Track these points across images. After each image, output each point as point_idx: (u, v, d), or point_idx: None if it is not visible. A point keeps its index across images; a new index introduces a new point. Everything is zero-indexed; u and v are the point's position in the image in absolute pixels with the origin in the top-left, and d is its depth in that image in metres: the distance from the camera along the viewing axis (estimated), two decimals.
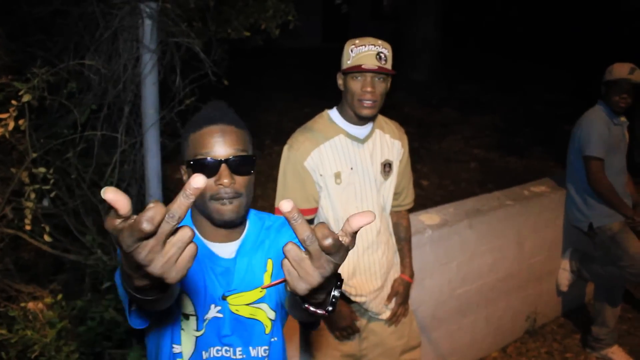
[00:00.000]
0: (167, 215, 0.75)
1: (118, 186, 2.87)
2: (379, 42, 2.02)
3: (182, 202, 0.77)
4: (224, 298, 1.42)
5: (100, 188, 2.82)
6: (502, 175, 5.54)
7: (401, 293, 2.28)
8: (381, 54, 1.98)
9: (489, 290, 3.28)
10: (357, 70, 1.95)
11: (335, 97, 2.16)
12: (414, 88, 8.44)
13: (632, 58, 3.42)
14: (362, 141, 2.11)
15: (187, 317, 1.39)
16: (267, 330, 1.48)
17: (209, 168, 1.33)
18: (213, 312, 1.41)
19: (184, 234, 0.78)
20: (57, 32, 2.74)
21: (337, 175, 2.07)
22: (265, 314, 1.47)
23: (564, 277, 3.68)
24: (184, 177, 1.41)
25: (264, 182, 5.01)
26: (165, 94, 2.85)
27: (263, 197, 4.72)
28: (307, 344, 2.38)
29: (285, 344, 1.58)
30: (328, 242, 0.79)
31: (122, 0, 2.47)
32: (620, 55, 4.01)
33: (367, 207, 2.12)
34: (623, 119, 3.35)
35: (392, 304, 2.27)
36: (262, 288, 1.42)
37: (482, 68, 11.20)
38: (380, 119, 2.22)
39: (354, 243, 0.83)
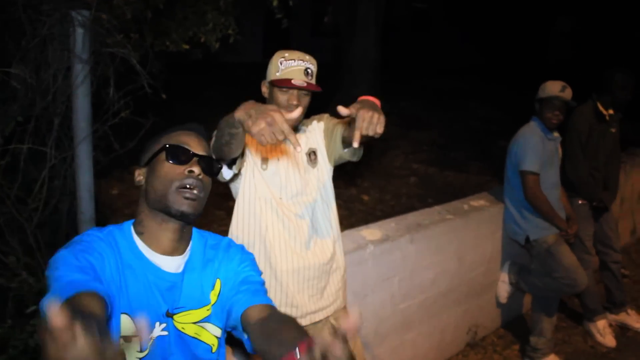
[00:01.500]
0: None
1: (47, 203, 2.71)
2: (307, 57, 2.07)
3: None
4: (168, 315, 1.37)
5: (28, 205, 2.67)
6: (441, 190, 5.63)
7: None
8: (308, 70, 2.04)
9: (431, 305, 3.30)
10: (286, 85, 1.99)
11: None
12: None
13: (560, 75, 3.55)
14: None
15: (128, 339, 1.32)
16: (214, 349, 1.44)
17: (182, 155, 1.41)
18: (158, 330, 1.36)
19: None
20: None
21: (264, 161, 2.08)
22: (210, 333, 1.43)
23: (503, 289, 3.75)
24: (139, 178, 1.44)
25: (208, 197, 4.88)
26: (99, 106, 2.72)
27: (202, 213, 4.58)
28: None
29: None
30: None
31: (51, 7, 2.35)
32: (550, 73, 4.18)
33: (292, 199, 2.11)
34: (556, 134, 3.47)
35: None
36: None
37: (420, 84, 11.45)
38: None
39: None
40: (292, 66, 2.02)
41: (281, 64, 2.04)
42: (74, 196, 2.66)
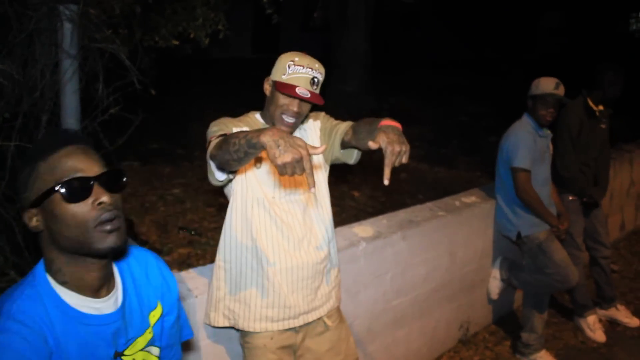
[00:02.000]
0: None
1: None
2: (317, 65, 2.00)
3: None
4: (117, 355, 1.29)
5: (16, 204, 2.63)
6: (432, 186, 5.64)
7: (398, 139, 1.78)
8: (315, 79, 1.97)
9: (423, 301, 3.29)
10: (289, 93, 1.93)
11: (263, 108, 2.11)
12: (343, 99, 8.49)
13: (548, 70, 3.55)
14: None
15: None
16: None
17: (81, 189, 1.16)
18: None
19: None
20: None
21: (258, 160, 2.03)
22: (153, 355, 1.41)
23: (495, 285, 3.76)
24: (34, 223, 1.18)
25: (193, 195, 4.86)
26: (87, 103, 2.68)
27: (193, 210, 4.56)
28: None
29: None
30: None
31: (38, 1, 2.30)
32: (538, 68, 4.18)
33: (287, 196, 2.07)
34: (548, 131, 3.47)
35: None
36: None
37: (409, 80, 11.46)
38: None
39: None
40: (300, 73, 1.95)
41: (289, 67, 1.97)
42: None
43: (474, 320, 3.77)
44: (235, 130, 1.97)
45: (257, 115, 2.14)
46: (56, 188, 1.14)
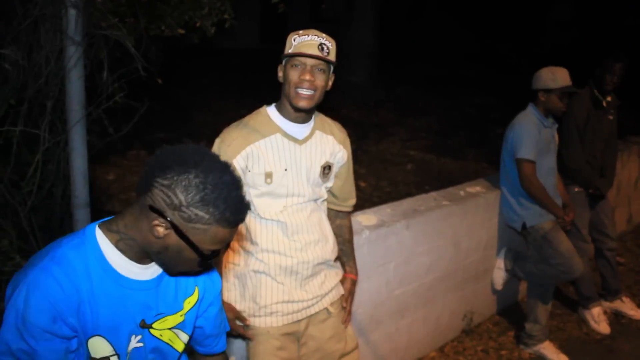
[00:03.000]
0: None
1: (41, 187, 2.69)
2: (324, 35, 1.95)
3: None
4: (144, 326, 1.33)
5: (21, 189, 2.65)
6: (438, 177, 5.63)
7: (353, 293, 2.32)
8: (324, 46, 1.91)
9: (426, 291, 3.30)
10: (298, 55, 1.88)
11: (273, 99, 2.09)
12: (351, 90, 8.48)
13: (557, 62, 3.52)
14: (301, 142, 2.03)
15: None
16: (179, 356, 1.46)
17: (209, 258, 1.27)
18: (133, 343, 1.33)
19: None
20: None
21: (268, 175, 1.97)
22: (180, 340, 1.43)
23: (499, 276, 3.75)
24: (160, 231, 1.21)
25: None
26: (93, 90, 2.69)
27: None
28: (244, 351, 2.30)
29: None
30: None
31: None
32: (547, 59, 4.15)
33: (297, 203, 2.04)
34: (552, 121, 3.45)
35: (332, 306, 2.23)
36: None
37: (416, 71, 11.41)
38: (322, 119, 2.14)
39: None
40: (306, 41, 1.90)
41: (294, 40, 1.93)
42: (68, 180, 2.64)
43: (477, 311, 3.77)
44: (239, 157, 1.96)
45: (270, 109, 2.06)
46: (203, 253, 1.23)
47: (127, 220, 1.27)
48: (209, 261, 1.27)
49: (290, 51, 1.92)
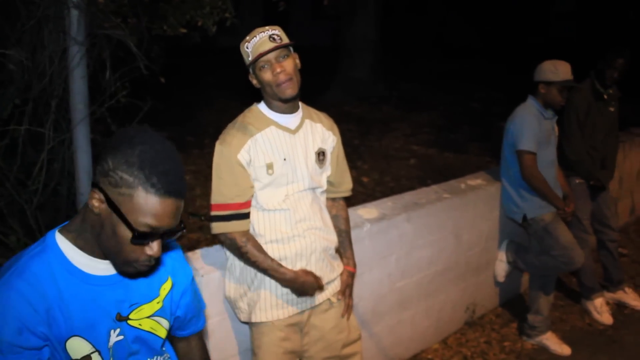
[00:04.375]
0: None
1: (47, 185, 2.74)
2: (266, 27, 2.03)
3: None
4: (120, 319, 1.34)
5: (27, 187, 2.70)
6: (441, 171, 5.64)
7: (350, 285, 2.32)
8: (274, 36, 1.99)
9: (428, 283, 3.33)
10: (259, 56, 1.97)
11: None
12: (354, 86, 8.49)
13: (559, 55, 3.54)
14: (294, 131, 2.12)
15: (87, 358, 1.30)
16: (163, 343, 1.47)
17: (148, 239, 1.21)
18: (114, 337, 1.34)
19: None
20: None
21: (270, 166, 2.05)
22: (162, 327, 1.44)
23: (501, 268, 3.78)
24: (95, 204, 1.19)
25: (203, 182, 4.92)
26: (97, 90, 2.74)
27: (202, 196, 4.62)
28: (249, 343, 2.34)
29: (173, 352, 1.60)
30: None
31: None
32: (550, 53, 4.16)
33: (298, 191, 2.10)
34: (552, 112, 3.46)
35: (331, 296, 2.26)
36: None
37: (419, 66, 11.41)
38: (308, 109, 2.23)
39: None
40: (256, 42, 1.99)
41: (247, 47, 2.02)
42: (73, 178, 2.69)
43: (480, 303, 3.80)
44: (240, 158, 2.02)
45: (261, 105, 2.15)
46: (135, 230, 1.17)
47: (80, 215, 1.28)
48: (145, 241, 1.20)
49: (250, 59, 2.01)
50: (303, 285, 2.08)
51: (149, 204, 1.16)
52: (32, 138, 2.63)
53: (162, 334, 1.44)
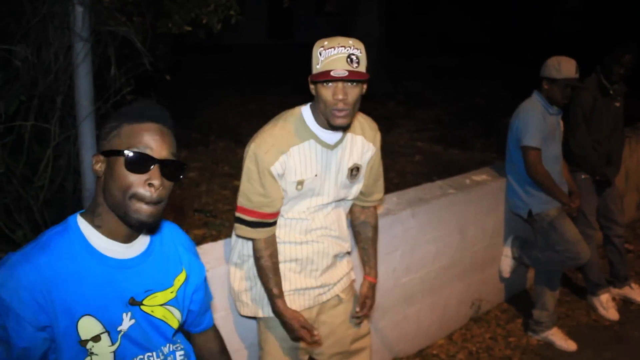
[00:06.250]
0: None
1: (53, 181, 2.75)
2: (350, 41, 1.84)
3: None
4: (134, 303, 1.37)
5: (34, 183, 2.71)
6: (446, 168, 5.63)
7: (371, 297, 2.25)
8: (352, 56, 1.80)
9: (433, 279, 3.33)
10: (325, 79, 1.79)
11: (279, 93, 2.12)
12: None
13: (564, 51, 3.52)
14: (332, 147, 2.00)
15: (97, 338, 1.32)
16: (175, 332, 1.49)
17: (143, 165, 1.28)
18: (127, 321, 1.36)
19: None
20: None
21: (300, 183, 1.97)
22: (174, 317, 1.46)
23: (506, 263, 3.77)
24: (97, 167, 1.32)
25: (209, 178, 4.93)
26: (102, 85, 2.75)
27: (208, 192, 4.63)
28: (253, 336, 2.34)
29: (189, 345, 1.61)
30: None
31: None
32: (555, 49, 4.14)
33: (321, 204, 2.06)
34: (557, 108, 3.45)
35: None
36: None
37: (424, 63, 11.40)
38: (353, 118, 2.06)
39: None
40: (332, 55, 1.79)
41: (320, 54, 1.82)
42: (78, 174, 2.70)
43: (485, 298, 3.79)
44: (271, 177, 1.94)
45: (306, 112, 2.00)
46: (125, 152, 1.27)
47: (95, 194, 1.37)
48: (139, 166, 1.27)
49: (318, 68, 1.83)
50: (285, 324, 2.06)
51: (133, 132, 1.30)
52: (38, 134, 2.64)
53: (174, 323, 1.46)
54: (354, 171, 2.08)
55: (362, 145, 2.09)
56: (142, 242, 1.42)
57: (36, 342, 1.25)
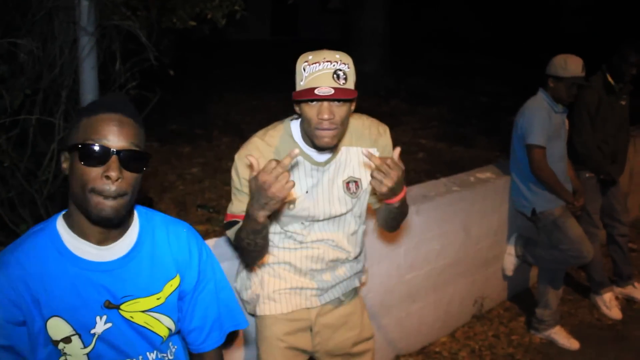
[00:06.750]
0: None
1: (57, 175, 2.76)
2: (337, 55, 1.70)
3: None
4: (110, 306, 1.32)
5: (38, 177, 2.71)
6: (449, 165, 5.62)
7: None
8: (339, 72, 1.66)
9: (436, 276, 3.32)
10: (310, 97, 1.64)
11: (283, 90, 2.08)
12: (362, 80, 8.42)
13: (570, 50, 3.50)
14: (323, 164, 1.89)
15: (68, 340, 1.29)
16: (164, 340, 1.43)
17: (99, 156, 1.22)
18: (101, 324, 1.32)
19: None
20: None
21: (291, 202, 1.86)
22: (162, 324, 1.40)
23: (509, 261, 3.77)
24: (65, 165, 1.28)
25: (212, 174, 4.93)
26: (107, 79, 2.74)
27: (211, 188, 4.63)
28: (254, 339, 2.34)
29: (185, 351, 1.55)
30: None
31: None
32: (561, 48, 4.12)
33: (317, 221, 1.95)
34: (562, 106, 3.43)
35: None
36: None
37: (428, 60, 11.37)
38: (351, 125, 1.93)
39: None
40: (317, 71, 1.66)
41: (304, 70, 1.69)
42: None
43: (488, 296, 3.79)
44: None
45: (294, 126, 1.88)
46: (78, 146, 1.23)
47: (69, 198, 1.32)
48: (94, 159, 1.22)
49: (302, 85, 1.69)
50: (258, 199, 1.58)
51: (90, 124, 1.25)
52: (43, 128, 2.64)
53: (161, 331, 1.41)
54: (351, 185, 1.94)
55: (358, 156, 1.95)
56: (124, 245, 1.36)
57: (20, 338, 1.25)
